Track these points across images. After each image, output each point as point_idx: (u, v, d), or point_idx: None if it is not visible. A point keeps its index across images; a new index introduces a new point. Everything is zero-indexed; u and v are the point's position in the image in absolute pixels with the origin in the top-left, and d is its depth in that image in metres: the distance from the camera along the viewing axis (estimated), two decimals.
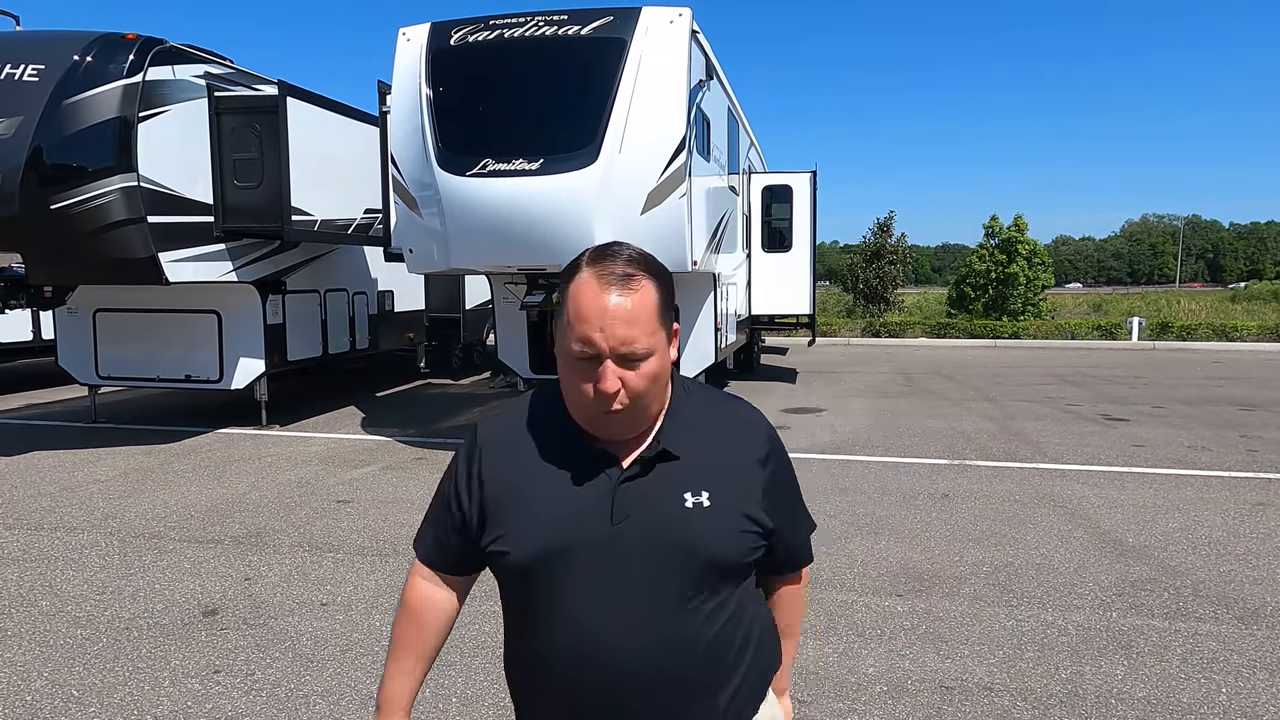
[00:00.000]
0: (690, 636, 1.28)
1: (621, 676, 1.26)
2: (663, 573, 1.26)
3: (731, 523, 1.30)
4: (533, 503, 1.31)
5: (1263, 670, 3.54)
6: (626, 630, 1.25)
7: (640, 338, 1.22)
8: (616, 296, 1.22)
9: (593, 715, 1.28)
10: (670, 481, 1.30)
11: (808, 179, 12.38)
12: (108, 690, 3.42)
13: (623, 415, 1.26)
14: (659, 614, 1.26)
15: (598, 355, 1.22)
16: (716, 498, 1.30)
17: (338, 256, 10.25)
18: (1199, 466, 7.29)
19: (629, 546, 1.26)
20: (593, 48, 7.07)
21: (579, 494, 1.29)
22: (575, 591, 1.27)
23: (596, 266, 1.25)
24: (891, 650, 3.75)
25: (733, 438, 1.38)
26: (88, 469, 7.26)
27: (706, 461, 1.32)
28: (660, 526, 1.27)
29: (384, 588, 4.52)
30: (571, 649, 1.27)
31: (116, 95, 7.08)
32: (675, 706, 1.28)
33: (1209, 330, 20.77)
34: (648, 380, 1.25)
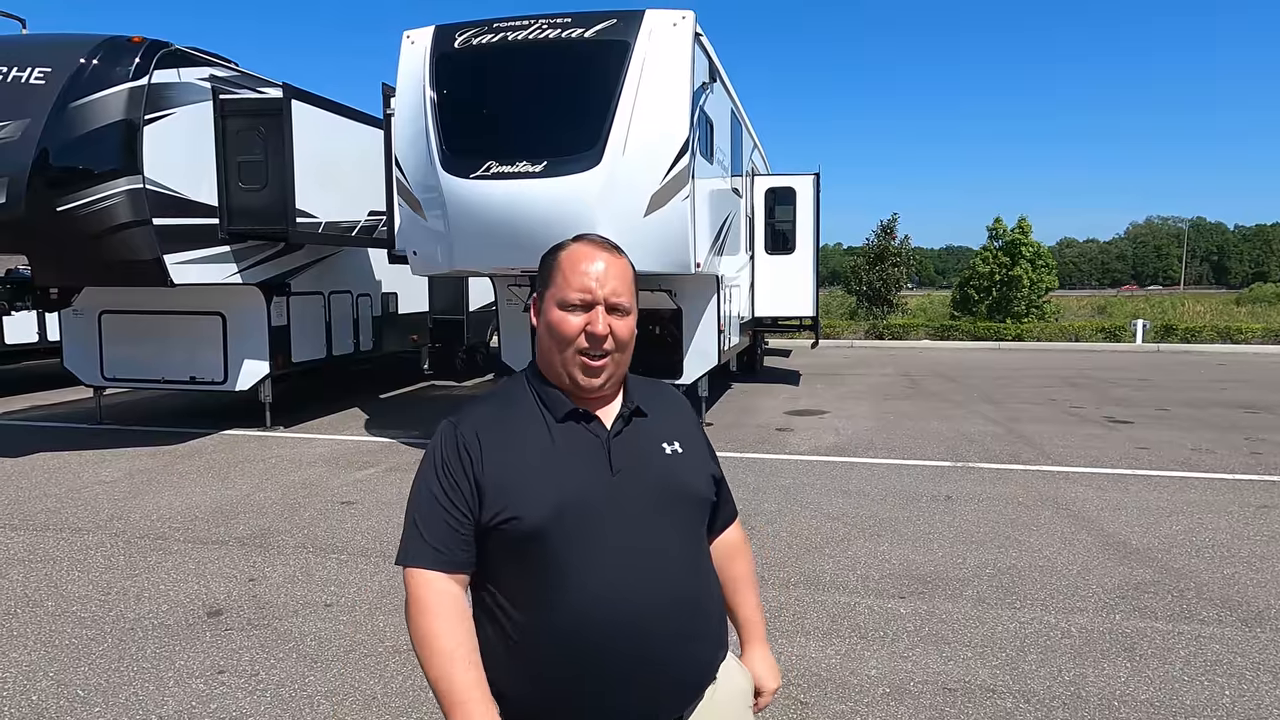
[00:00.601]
0: (689, 563, 1.48)
1: (644, 610, 1.38)
2: (661, 510, 1.45)
3: (701, 466, 1.56)
4: (532, 471, 1.40)
5: (1266, 673, 3.54)
6: (646, 570, 1.39)
7: (624, 293, 1.46)
8: (609, 257, 1.47)
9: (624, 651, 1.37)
10: (648, 435, 1.51)
11: (811, 181, 12.38)
12: (113, 690, 3.43)
13: (606, 365, 1.45)
14: (665, 546, 1.43)
15: (593, 302, 1.43)
16: (686, 447, 1.54)
17: (342, 258, 10.28)
18: (1203, 469, 7.27)
19: (629, 492, 1.43)
20: (596, 50, 7.09)
21: (574, 455, 1.43)
22: (590, 545, 1.38)
23: (583, 240, 1.50)
24: (894, 652, 3.75)
25: (674, 406, 1.63)
26: (93, 470, 7.29)
27: (669, 419, 1.57)
28: (652, 470, 1.47)
29: (388, 589, 4.53)
30: (604, 599, 1.36)
31: (122, 98, 7.11)
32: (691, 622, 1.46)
33: (1213, 332, 20.72)
34: (627, 333, 1.47)
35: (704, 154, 7.98)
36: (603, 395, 1.50)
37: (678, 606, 1.42)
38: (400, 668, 3.61)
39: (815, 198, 12.34)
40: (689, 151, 7.09)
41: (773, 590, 4.49)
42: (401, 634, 3.95)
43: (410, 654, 3.74)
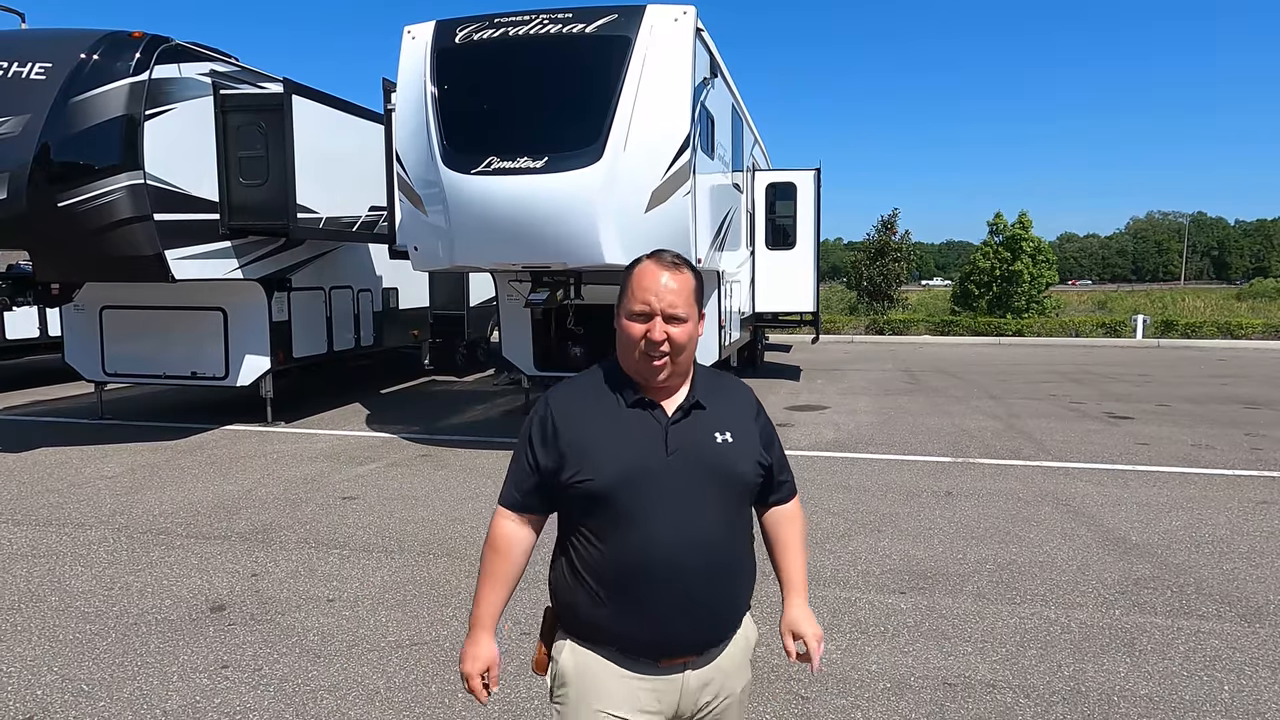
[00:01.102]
0: (725, 538, 1.76)
1: (678, 566, 1.70)
2: (705, 489, 1.73)
3: (749, 454, 1.81)
4: (605, 443, 1.73)
5: (1265, 668, 3.55)
6: (690, 534, 1.71)
7: (681, 305, 1.72)
8: (667, 276, 1.73)
9: (663, 596, 1.70)
10: (703, 425, 1.77)
11: (812, 176, 12.37)
12: (116, 685, 3.45)
13: (665, 365, 1.73)
14: (704, 520, 1.73)
15: (651, 313, 1.71)
16: (737, 436, 1.79)
17: (343, 254, 10.28)
18: (1203, 465, 7.29)
19: (679, 471, 1.72)
20: (597, 45, 7.08)
21: (639, 435, 1.74)
22: (646, 508, 1.69)
23: (654, 258, 1.77)
24: (895, 647, 3.77)
25: (735, 400, 1.88)
26: (95, 465, 7.30)
27: (725, 413, 1.82)
28: (701, 455, 1.74)
29: (390, 584, 4.54)
30: (643, 552, 1.70)
31: (123, 93, 7.10)
32: (723, 584, 1.77)
33: (1214, 328, 20.72)
34: (684, 338, 1.74)
35: (705, 150, 7.97)
36: (667, 387, 1.79)
37: (708, 560, 1.73)
38: (403, 663, 3.63)
39: (816, 193, 12.33)
40: (690, 147, 7.09)
41: (773, 586, 4.48)
42: (403, 629, 3.97)
43: (413, 648, 3.77)
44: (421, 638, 3.88)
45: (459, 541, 5.22)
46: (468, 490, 6.45)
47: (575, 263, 7.17)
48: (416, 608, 4.22)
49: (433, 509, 5.96)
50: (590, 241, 6.91)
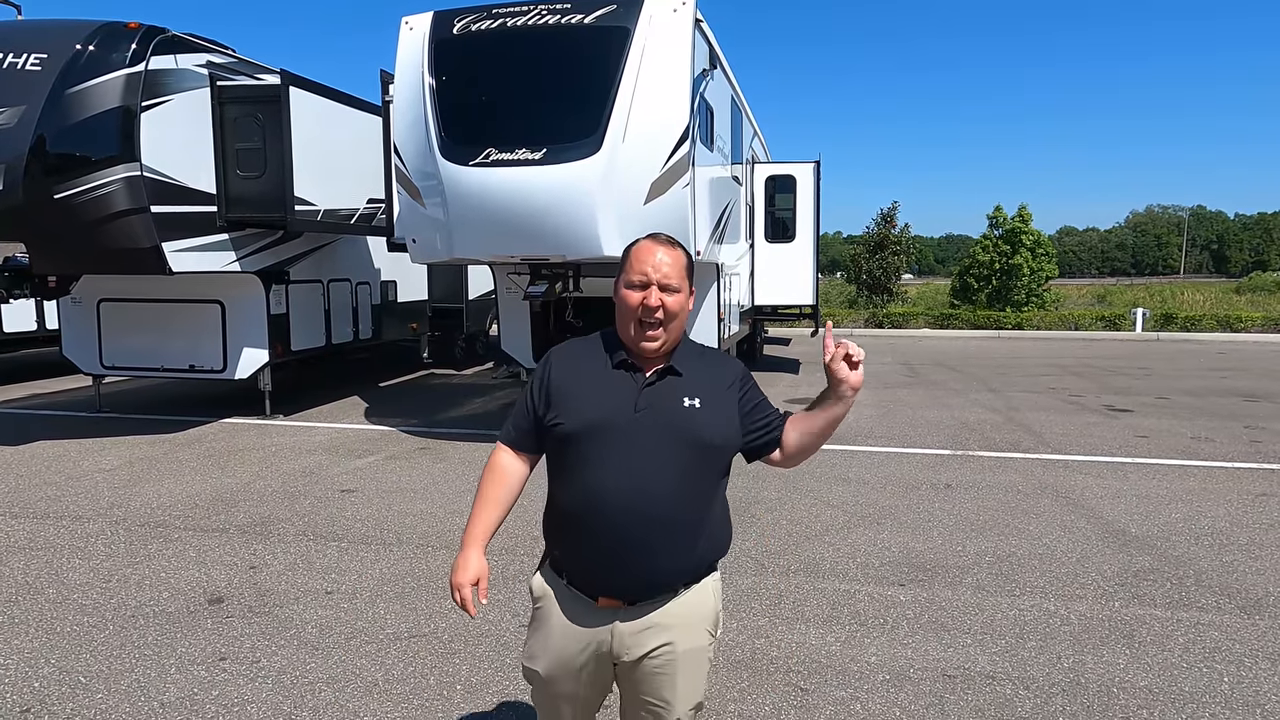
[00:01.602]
0: (673, 496, 1.87)
1: (624, 514, 1.85)
2: (664, 448, 1.87)
3: (713, 419, 1.93)
4: (582, 394, 1.92)
5: (1265, 660, 3.55)
6: (641, 485, 1.85)
7: (674, 277, 1.91)
8: (662, 251, 1.94)
9: (607, 540, 1.87)
10: (676, 389, 1.93)
11: (811, 169, 12.34)
12: (115, 677, 3.44)
13: (659, 333, 1.90)
14: (656, 476, 1.86)
15: (648, 283, 1.89)
16: (705, 403, 1.93)
17: (341, 246, 10.24)
18: (1202, 457, 7.28)
19: (644, 428, 1.87)
20: (596, 36, 7.04)
21: (615, 391, 1.91)
22: (605, 455, 1.87)
23: (650, 237, 1.98)
24: (894, 639, 3.77)
25: (716, 371, 2.03)
26: (93, 458, 7.29)
27: (700, 380, 1.96)
28: (666, 416, 1.89)
29: (388, 576, 4.54)
30: (594, 495, 1.87)
31: (119, 84, 7.06)
32: (661, 537, 1.87)
33: (1213, 321, 20.71)
34: (676, 306, 1.91)
35: (704, 141, 7.94)
36: (657, 356, 1.95)
37: (651, 513, 1.85)
38: (401, 655, 3.62)
39: (816, 186, 12.30)
40: (689, 139, 7.05)
41: (773, 578, 4.50)
42: (401, 621, 3.97)
43: (410, 640, 3.76)
44: (420, 630, 3.87)
45: (457, 534, 5.17)
46: (466, 483, 6.44)
47: (574, 255, 7.15)
48: (415, 600, 4.21)
49: (431, 501, 5.95)
50: (589, 233, 6.89)
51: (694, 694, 2.00)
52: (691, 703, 2.01)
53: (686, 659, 1.95)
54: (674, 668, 1.94)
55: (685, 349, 2.01)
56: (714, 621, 2.03)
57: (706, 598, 2.00)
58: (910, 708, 3.20)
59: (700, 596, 1.98)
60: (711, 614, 2.01)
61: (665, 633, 1.92)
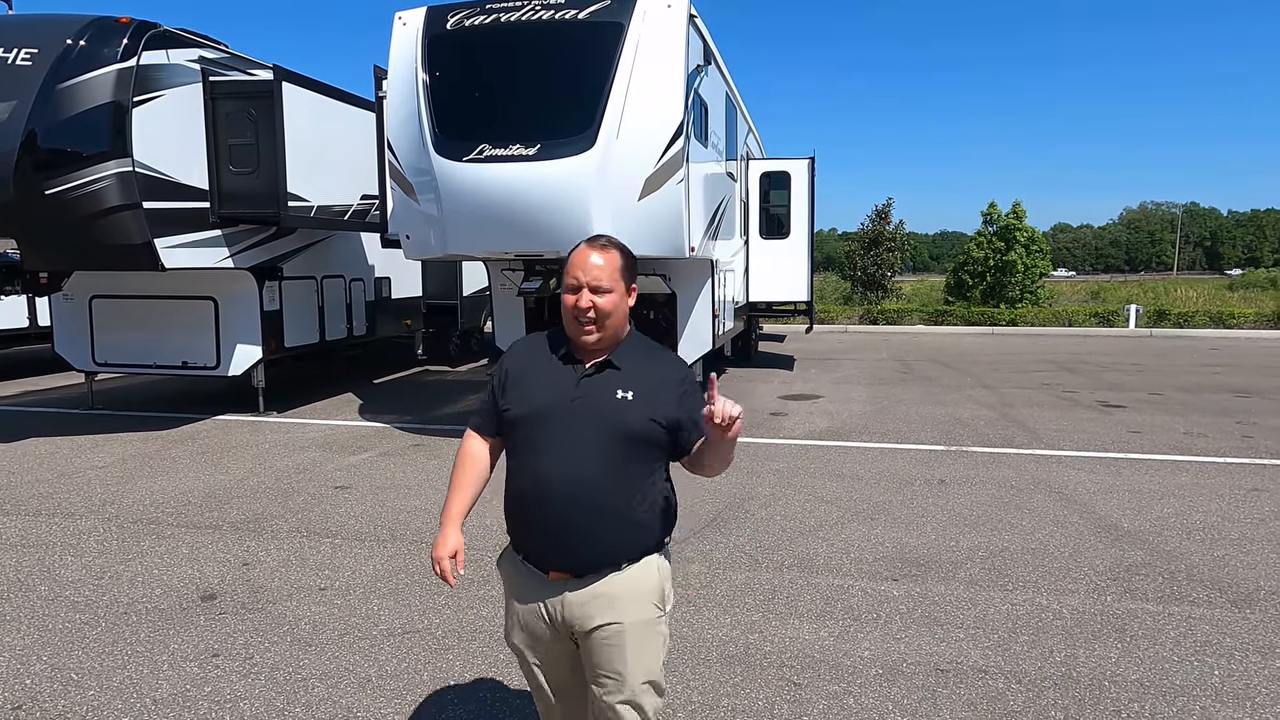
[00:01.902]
0: (604, 480, 2.03)
1: (563, 496, 2.03)
2: (598, 437, 2.03)
3: (644, 412, 2.06)
4: (529, 384, 2.12)
5: (1255, 653, 3.57)
6: (571, 469, 2.02)
7: (605, 279, 2.06)
8: (595, 255, 2.09)
9: (545, 519, 2.06)
10: (610, 382, 2.08)
11: (806, 165, 12.34)
12: (107, 674, 3.43)
13: (592, 330, 2.06)
14: (588, 460, 2.03)
15: (579, 286, 2.06)
16: (638, 396, 2.06)
17: (334, 243, 10.22)
18: (1194, 453, 7.31)
19: (577, 417, 2.05)
20: (590, 32, 7.02)
21: (557, 381, 2.09)
22: (543, 440, 2.06)
23: (587, 241, 2.15)
24: (887, 634, 3.77)
25: (659, 367, 2.17)
26: (85, 455, 7.26)
27: (638, 375, 2.10)
28: (599, 407, 2.05)
29: (382, 572, 4.53)
30: (540, 474, 2.06)
31: (110, 80, 7.02)
32: (592, 518, 2.04)
33: (1206, 318, 20.78)
34: (608, 306, 2.06)
35: (699, 137, 7.93)
36: (597, 350, 2.10)
37: (583, 494, 2.02)
38: (394, 651, 3.62)
39: (810, 182, 12.30)
40: (683, 135, 7.05)
41: (766, 573, 4.50)
42: (395, 617, 3.96)
43: (403, 637, 3.76)
44: (413, 626, 3.86)
45: None
46: None
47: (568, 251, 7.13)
48: (408, 596, 4.21)
49: (425, 498, 5.94)
50: (583, 230, 6.86)
51: (645, 668, 2.10)
52: (643, 676, 2.09)
53: (635, 631, 2.08)
54: (622, 639, 2.07)
55: (631, 345, 2.15)
56: (660, 597, 2.14)
57: (650, 573, 2.12)
58: (903, 702, 3.21)
59: (644, 572, 2.11)
60: (655, 589, 2.13)
61: (611, 604, 2.07)
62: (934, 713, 3.13)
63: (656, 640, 2.13)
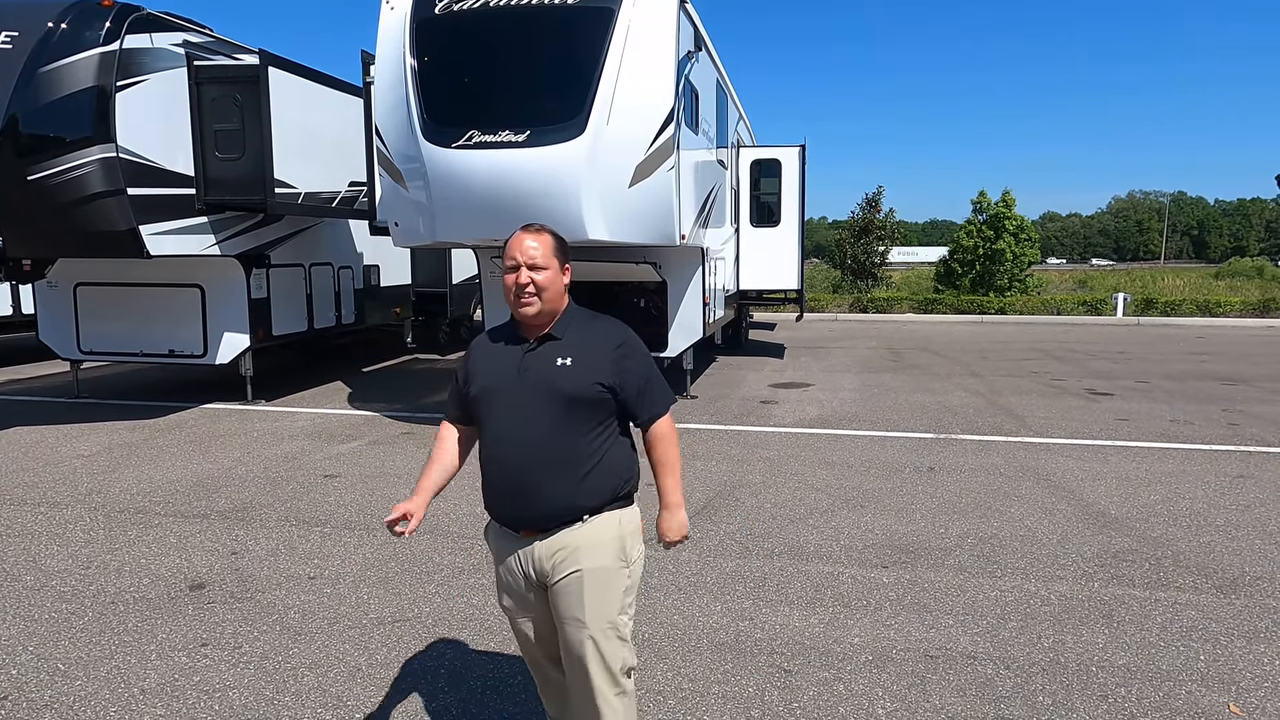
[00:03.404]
0: (552, 440, 2.23)
1: (516, 459, 2.24)
2: (542, 403, 2.24)
3: (584, 376, 2.24)
4: (484, 365, 2.36)
5: (1240, 638, 3.60)
6: (521, 434, 2.24)
7: (540, 258, 2.27)
8: (530, 237, 2.31)
9: (505, 480, 2.27)
10: (550, 352, 2.28)
11: (796, 153, 12.30)
12: (94, 664, 3.41)
13: (533, 302, 2.26)
14: (535, 425, 2.23)
15: (518, 265, 2.27)
16: (577, 362, 2.25)
17: (323, 230, 10.13)
18: (1181, 440, 7.37)
19: (524, 388, 2.26)
20: (580, 17, 6.96)
21: (505, 359, 2.32)
22: (497, 413, 2.29)
23: (521, 229, 2.36)
24: (877, 621, 3.79)
25: (598, 334, 2.33)
26: (71, 444, 7.20)
27: (577, 343, 2.30)
28: (542, 375, 2.25)
29: (371, 561, 4.51)
30: (494, 440, 2.30)
31: (93, 63, 6.92)
32: (544, 476, 2.23)
33: (1193, 306, 20.92)
34: (546, 281, 2.26)
35: (689, 124, 7.89)
36: (539, 324, 2.31)
37: (534, 456, 2.23)
38: (384, 639, 3.61)
39: (801, 170, 12.27)
40: (674, 122, 7.01)
41: (757, 560, 4.51)
42: (385, 606, 3.95)
43: (393, 625, 3.75)
44: (403, 614, 3.85)
45: (441, 519, 5.19)
46: None
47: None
48: (398, 585, 4.19)
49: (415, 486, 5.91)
50: (573, 217, 6.83)
51: (604, 614, 2.24)
52: (603, 621, 2.24)
53: (593, 577, 2.23)
54: (580, 584, 2.23)
55: (569, 317, 2.35)
56: (619, 547, 2.29)
57: (610, 525, 2.29)
58: (892, 688, 3.22)
59: (603, 523, 2.28)
60: (614, 539, 2.28)
61: (573, 554, 2.24)
62: (923, 699, 3.15)
63: (617, 589, 2.26)
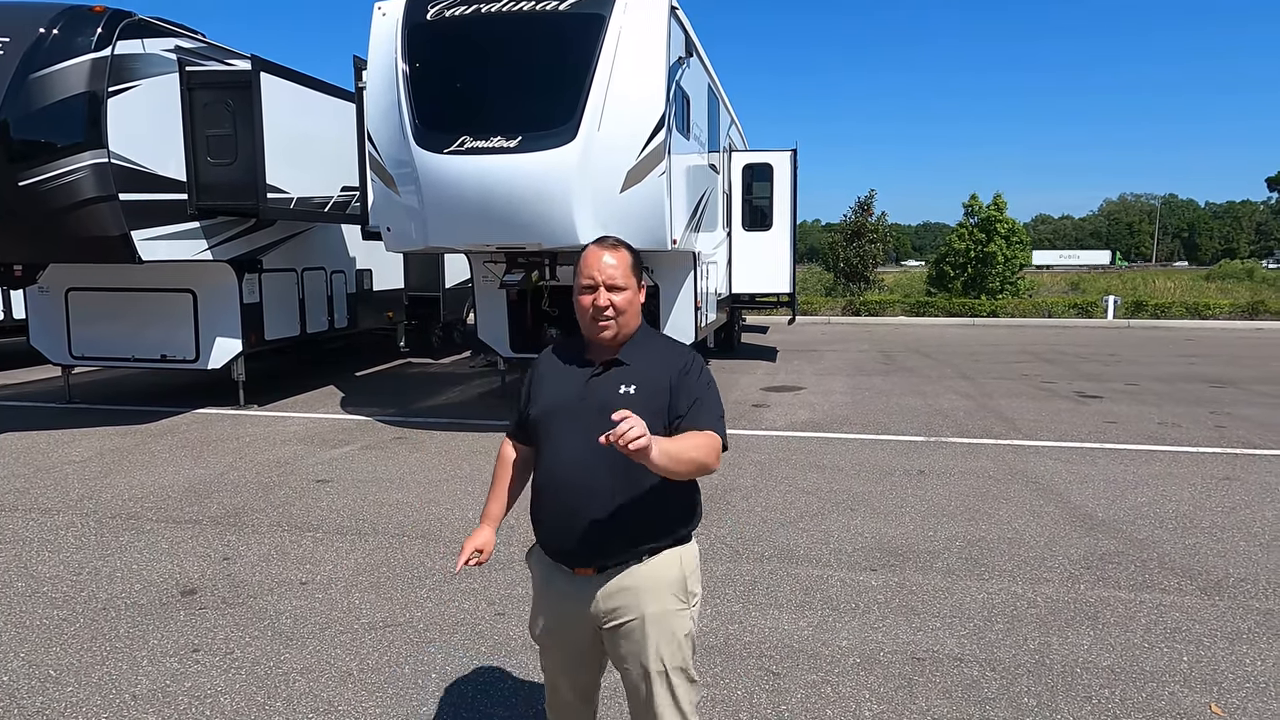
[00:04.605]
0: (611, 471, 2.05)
1: (570, 488, 2.11)
2: (600, 430, 1.91)
3: (646, 405, 2.05)
4: (547, 386, 2.22)
5: (1223, 639, 3.64)
6: (579, 464, 2.09)
7: (619, 277, 2.12)
8: (608, 254, 2.15)
9: (560, 513, 2.13)
10: (615, 378, 2.14)
11: (788, 157, 12.36)
12: (85, 670, 3.42)
13: (610, 325, 2.12)
14: (595, 454, 1.97)
15: (595, 285, 2.12)
16: (640, 389, 2.11)
17: (315, 234, 10.14)
18: (1168, 442, 7.43)
19: (585, 413, 2.09)
20: (571, 23, 7.00)
21: (568, 382, 2.18)
22: (555, 439, 2.15)
23: (597, 243, 2.20)
24: (865, 623, 3.82)
25: (659, 359, 2.18)
26: (62, 450, 7.19)
27: (643, 369, 2.15)
28: (604, 402, 2.06)
29: (363, 566, 4.53)
30: (551, 469, 2.15)
31: (85, 69, 6.93)
32: (601, 508, 2.08)
33: (1182, 308, 21.05)
34: (625, 303, 2.13)
35: (680, 129, 7.93)
36: (612, 346, 2.17)
37: (592, 486, 2.08)
38: (376, 644, 3.63)
39: (792, 174, 12.33)
40: (665, 127, 7.05)
41: (747, 564, 4.54)
42: (376, 611, 3.97)
43: (385, 630, 3.77)
44: (395, 619, 3.87)
45: (433, 524, 5.21)
46: (443, 472, 6.43)
47: (550, 243, 7.13)
48: (390, 590, 4.21)
49: (407, 491, 5.94)
50: (565, 222, 6.87)
51: (669, 656, 2.12)
52: (673, 665, 2.12)
53: (656, 622, 2.11)
54: (644, 630, 2.11)
55: (640, 341, 2.21)
56: (681, 588, 2.15)
57: (672, 564, 2.15)
58: (879, 690, 3.25)
59: (665, 563, 2.15)
60: (676, 580, 2.15)
61: (632, 596, 2.11)
62: (910, 701, 3.18)
63: (681, 630, 2.14)
